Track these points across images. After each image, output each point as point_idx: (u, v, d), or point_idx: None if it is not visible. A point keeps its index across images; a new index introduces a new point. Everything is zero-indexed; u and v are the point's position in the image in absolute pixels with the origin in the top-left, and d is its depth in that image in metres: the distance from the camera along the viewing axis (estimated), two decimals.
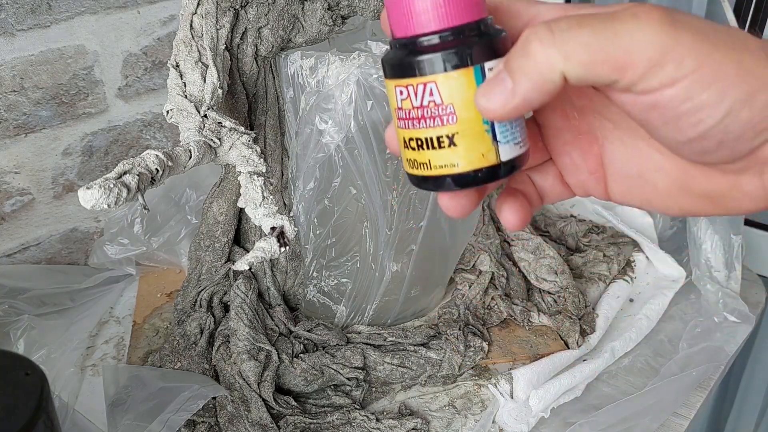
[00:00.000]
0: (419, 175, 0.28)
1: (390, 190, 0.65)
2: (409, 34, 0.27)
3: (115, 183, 0.44)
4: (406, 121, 0.27)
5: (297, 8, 0.63)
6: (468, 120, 0.26)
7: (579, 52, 0.23)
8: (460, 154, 0.27)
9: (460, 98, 0.26)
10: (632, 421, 0.64)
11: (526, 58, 0.24)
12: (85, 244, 0.87)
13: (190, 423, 0.62)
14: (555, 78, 0.24)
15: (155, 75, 0.87)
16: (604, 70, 0.23)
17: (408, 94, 0.27)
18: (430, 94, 0.26)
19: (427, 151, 0.27)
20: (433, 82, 0.26)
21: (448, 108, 0.26)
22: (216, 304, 0.72)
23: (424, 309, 0.76)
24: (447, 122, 0.27)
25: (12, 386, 0.44)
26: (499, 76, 0.25)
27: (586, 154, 0.31)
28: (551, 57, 0.23)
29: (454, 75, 0.26)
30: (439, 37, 0.26)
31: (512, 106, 0.25)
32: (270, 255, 0.53)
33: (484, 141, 0.27)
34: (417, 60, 0.26)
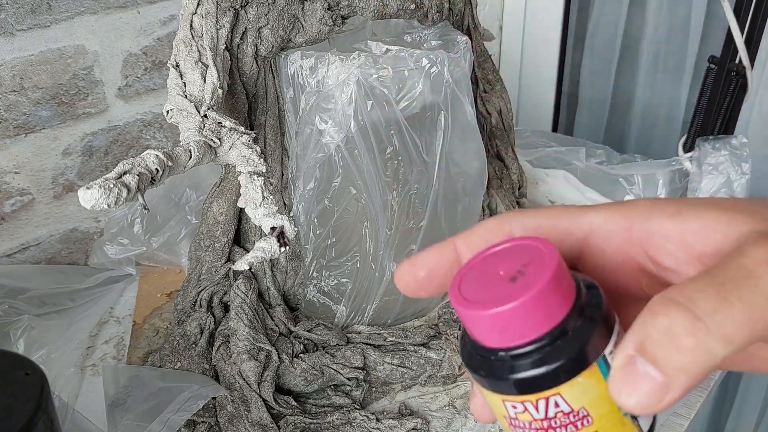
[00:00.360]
0: None
1: (390, 190, 0.65)
2: (508, 345, 0.22)
3: (115, 183, 0.44)
4: (527, 430, 0.23)
5: (297, 8, 0.63)
6: (605, 414, 0.23)
7: (740, 332, 0.20)
8: None
9: (591, 399, 0.22)
10: None
11: (679, 354, 0.20)
12: (85, 244, 0.87)
13: (190, 423, 0.62)
14: (716, 364, 0.21)
15: (155, 75, 0.87)
16: (766, 333, 0.21)
17: (525, 409, 0.23)
18: (555, 405, 0.22)
19: None
20: (558, 394, 0.22)
21: (580, 413, 0.22)
22: (216, 304, 0.72)
23: (424, 309, 0.76)
24: (582, 426, 0.23)
25: (12, 386, 0.44)
26: (639, 369, 0.21)
27: None
28: (712, 348, 0.20)
29: (578, 381, 0.22)
30: (548, 343, 0.22)
31: (669, 401, 0.21)
32: (270, 255, 0.53)
33: (625, 427, 0.23)
34: (529, 376, 0.22)
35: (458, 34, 0.66)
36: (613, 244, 0.25)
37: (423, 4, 0.69)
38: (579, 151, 1.01)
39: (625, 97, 1.37)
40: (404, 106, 0.61)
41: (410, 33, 0.67)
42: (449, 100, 0.63)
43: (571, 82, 1.43)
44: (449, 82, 0.62)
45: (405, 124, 0.62)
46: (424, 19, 0.69)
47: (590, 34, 1.35)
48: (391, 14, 0.67)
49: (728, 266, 0.21)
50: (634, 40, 1.32)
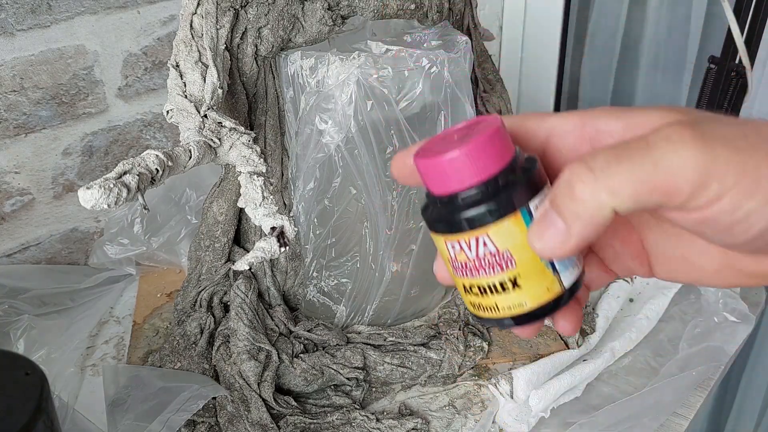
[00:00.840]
0: (488, 317, 0.29)
1: (390, 190, 0.65)
2: (449, 192, 0.26)
3: (115, 183, 0.44)
4: (464, 271, 0.28)
5: (297, 8, 0.63)
6: (526, 260, 0.27)
7: (625, 188, 0.24)
8: (525, 293, 0.27)
9: (514, 243, 0.26)
10: (632, 421, 0.64)
11: (574, 202, 0.24)
12: (85, 244, 0.87)
13: (190, 423, 0.62)
14: (606, 214, 0.24)
15: (155, 75, 0.87)
16: (652, 198, 0.24)
17: (461, 248, 0.27)
18: (483, 245, 0.27)
19: (492, 295, 0.28)
20: (485, 234, 0.26)
21: (505, 254, 0.27)
22: (216, 304, 0.72)
23: (424, 309, 0.76)
24: (507, 267, 0.27)
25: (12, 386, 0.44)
26: (549, 217, 0.25)
27: (626, 242, 0.31)
28: (599, 197, 0.24)
29: (504, 223, 0.26)
30: (479, 190, 0.26)
31: (570, 247, 0.25)
32: (270, 255, 0.53)
33: (545, 276, 0.27)
34: (464, 216, 0.26)
35: (458, 34, 0.66)
36: (568, 142, 0.28)
37: (423, 4, 0.69)
38: None
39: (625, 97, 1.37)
40: (404, 106, 0.61)
41: (410, 33, 0.67)
42: (449, 100, 0.63)
43: (571, 82, 1.43)
44: (449, 82, 0.62)
45: (405, 124, 0.62)
46: (424, 19, 0.69)
47: (590, 34, 1.35)
48: (391, 14, 0.67)
49: (636, 139, 0.24)
50: (634, 40, 1.32)
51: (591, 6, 1.33)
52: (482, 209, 0.26)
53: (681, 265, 0.30)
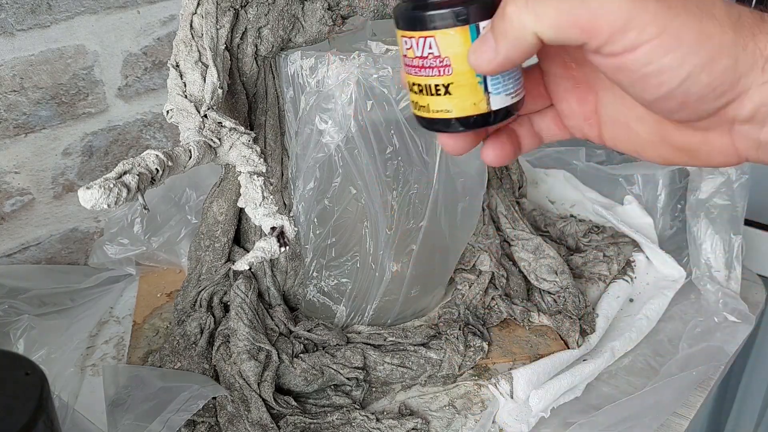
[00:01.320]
0: (420, 116, 0.32)
1: (390, 190, 0.65)
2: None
3: (115, 183, 0.44)
4: (410, 68, 0.31)
5: (297, 8, 0.63)
6: (462, 72, 0.30)
7: (549, 15, 0.26)
8: (453, 102, 0.30)
9: (455, 53, 0.29)
10: (632, 421, 0.64)
11: (503, 21, 0.27)
12: (85, 244, 0.87)
13: (190, 423, 0.62)
14: (529, 38, 0.27)
15: (155, 75, 0.87)
16: (573, 33, 0.26)
17: (411, 45, 0.30)
18: (429, 47, 0.30)
19: (426, 96, 0.31)
20: (432, 37, 0.29)
21: (444, 60, 0.30)
22: (216, 304, 0.72)
23: (424, 309, 0.76)
24: (443, 73, 0.30)
25: (12, 386, 0.44)
26: (486, 35, 0.28)
27: (582, 101, 0.34)
28: (524, 19, 0.26)
29: (450, 32, 0.29)
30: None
31: (496, 63, 0.28)
32: (270, 255, 0.53)
33: (476, 92, 0.30)
34: (420, 15, 0.29)
35: None
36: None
37: None
38: (579, 151, 1.01)
39: None
40: (404, 106, 0.61)
41: None
42: None
43: None
44: None
45: (405, 124, 0.62)
46: None
47: None
48: (391, 14, 0.67)
49: None
50: None
51: None
52: (438, 13, 0.29)
53: (623, 131, 0.32)
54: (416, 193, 0.66)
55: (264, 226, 0.54)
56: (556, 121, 0.35)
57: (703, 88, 0.26)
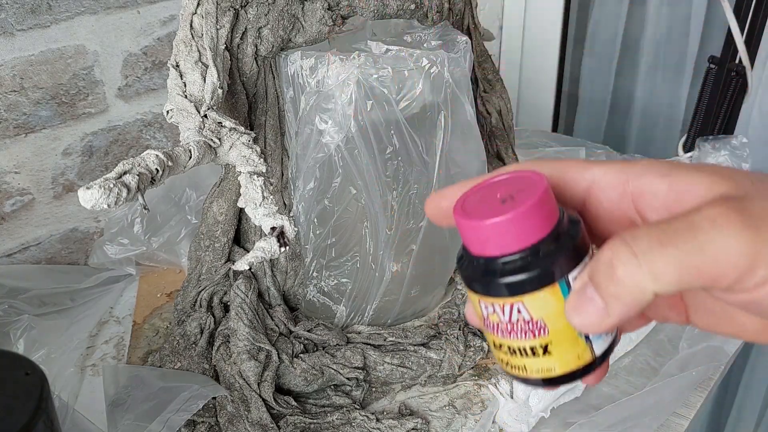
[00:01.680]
0: (516, 375, 0.28)
1: (390, 190, 0.65)
2: (488, 255, 0.26)
3: (115, 183, 0.44)
4: (496, 330, 0.27)
5: (297, 8, 0.63)
6: (560, 330, 0.27)
7: (668, 273, 0.23)
8: (555, 360, 0.27)
9: (549, 313, 0.26)
10: (632, 421, 0.64)
11: (615, 284, 0.24)
12: (85, 244, 0.87)
13: (190, 423, 0.62)
14: (648, 298, 0.24)
15: (155, 75, 0.87)
16: (696, 282, 0.23)
17: (494, 310, 0.27)
18: (518, 312, 0.26)
19: (522, 357, 0.27)
20: (521, 302, 0.26)
21: (538, 323, 0.26)
22: (216, 304, 0.72)
23: (424, 309, 0.76)
24: (539, 335, 0.27)
25: (12, 386, 0.44)
26: (587, 293, 0.25)
27: None
28: (641, 282, 0.23)
29: (540, 295, 0.26)
30: (520, 257, 0.25)
31: (607, 325, 0.25)
32: (270, 255, 0.53)
33: (578, 344, 0.27)
34: (501, 282, 0.26)
35: (458, 34, 0.66)
36: (610, 196, 0.27)
37: (423, 4, 0.69)
38: (579, 151, 1.01)
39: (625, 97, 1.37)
40: (404, 106, 0.61)
41: (410, 33, 0.67)
42: (449, 100, 0.63)
43: (571, 82, 1.43)
44: (449, 82, 0.62)
45: (405, 124, 0.62)
46: (424, 19, 0.69)
47: (590, 34, 1.35)
48: (391, 14, 0.67)
49: (680, 218, 0.23)
50: (634, 40, 1.32)
51: (591, 6, 1.33)
52: (520, 277, 0.25)
53: (721, 319, 0.29)
54: (416, 193, 0.66)
55: (264, 226, 0.54)
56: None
57: None
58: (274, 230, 0.54)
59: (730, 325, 0.29)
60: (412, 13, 0.68)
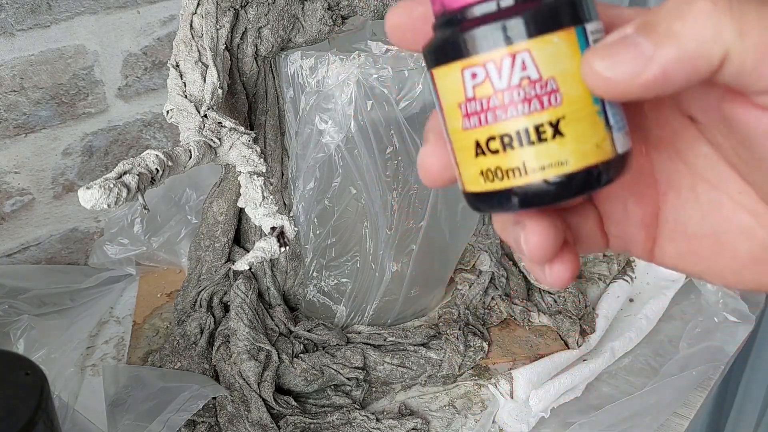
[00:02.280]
0: (505, 188, 0.20)
1: (390, 190, 0.65)
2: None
3: (115, 183, 0.44)
4: (483, 114, 0.20)
5: (297, 8, 0.63)
6: (576, 99, 0.19)
7: (758, 34, 0.17)
8: (568, 147, 0.19)
9: (563, 70, 0.19)
10: (632, 421, 0.64)
11: (683, 20, 0.17)
12: (85, 244, 0.87)
13: (190, 423, 0.62)
14: (715, 55, 0.17)
15: (155, 75, 0.87)
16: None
17: (487, 74, 0.19)
18: (522, 68, 0.19)
19: (521, 148, 0.20)
20: (527, 51, 0.19)
21: (548, 84, 0.19)
22: (216, 304, 0.72)
23: (424, 309, 0.76)
24: (550, 103, 0.19)
25: (12, 386, 0.44)
26: (629, 38, 0.18)
27: (641, 201, 0.24)
28: (722, 25, 0.17)
29: (553, 39, 0.19)
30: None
31: (647, 78, 0.18)
32: (270, 255, 0.53)
33: (597, 126, 0.20)
34: (498, 26, 0.19)
35: None
36: None
37: None
38: None
39: None
40: (404, 106, 0.61)
41: None
42: None
43: None
44: None
45: (405, 124, 0.62)
46: None
47: None
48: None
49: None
50: None
51: None
52: (525, 16, 0.19)
53: (704, 246, 0.23)
54: (416, 193, 0.66)
55: (264, 226, 0.54)
56: (597, 224, 0.25)
57: None
58: (274, 230, 0.53)
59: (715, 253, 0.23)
60: None
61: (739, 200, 0.22)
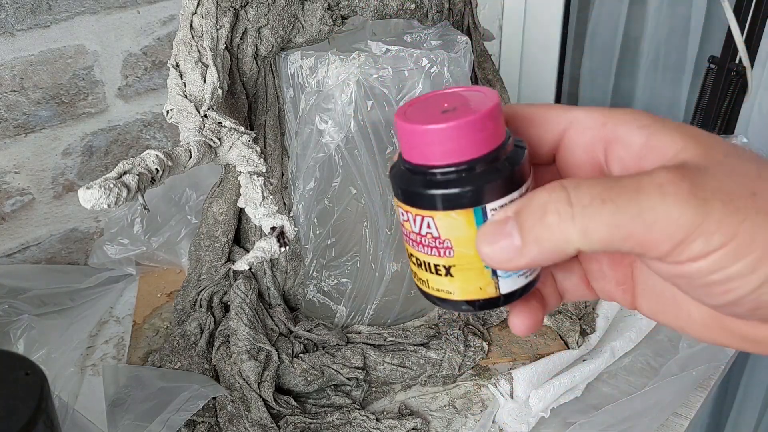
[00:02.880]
0: (421, 288, 0.28)
1: (390, 189, 0.65)
2: (412, 162, 0.25)
3: (115, 183, 0.44)
4: (408, 239, 0.27)
5: (297, 8, 0.63)
6: (465, 256, 0.25)
7: (599, 231, 0.22)
8: (456, 284, 0.26)
9: (458, 236, 0.25)
10: (632, 421, 0.64)
11: (541, 228, 0.23)
12: (85, 244, 0.87)
13: (190, 423, 0.62)
14: (568, 251, 0.23)
15: (155, 75, 0.87)
16: (625, 246, 0.22)
17: (408, 219, 0.26)
18: (428, 226, 0.25)
19: (426, 272, 0.27)
20: (431, 218, 0.25)
21: (445, 243, 0.25)
22: (216, 304, 0.72)
23: (424, 309, 0.76)
24: (444, 255, 0.26)
25: (12, 386, 0.44)
26: (507, 227, 0.23)
27: (616, 265, 0.29)
28: (568, 233, 0.22)
29: (452, 215, 0.25)
30: (440, 173, 0.24)
31: (516, 265, 0.24)
32: (270, 255, 0.53)
33: (482, 276, 0.26)
34: (416, 192, 0.25)
35: (458, 34, 0.66)
36: (584, 138, 0.26)
37: (423, 4, 0.68)
38: None
39: (625, 97, 1.37)
40: None
41: (410, 33, 0.67)
42: None
43: (571, 82, 1.43)
44: (449, 82, 0.62)
45: None
46: (424, 19, 0.69)
47: (590, 34, 1.35)
48: (391, 14, 0.67)
49: (632, 177, 0.22)
50: (634, 40, 1.31)
51: (591, 6, 1.33)
52: (434, 192, 0.24)
53: (668, 306, 0.27)
54: None
55: (264, 226, 0.54)
56: (583, 281, 0.30)
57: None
58: (274, 230, 0.53)
59: (676, 313, 0.27)
60: (412, 13, 0.68)
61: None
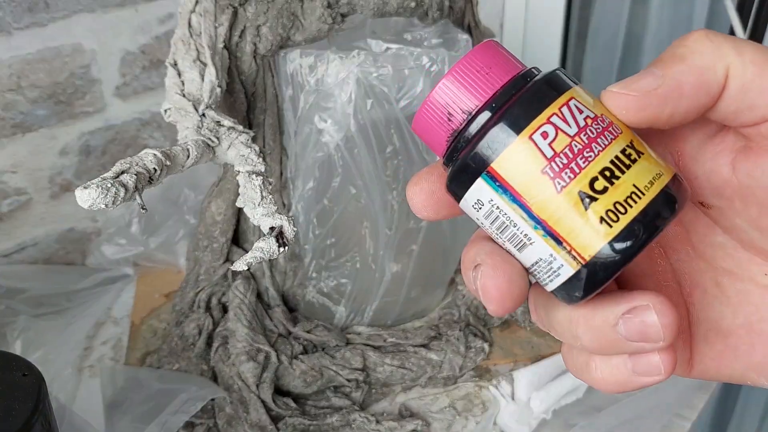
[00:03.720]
0: (630, 221, 0.20)
1: (390, 189, 0.65)
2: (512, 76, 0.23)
3: (112, 183, 0.44)
4: (572, 165, 0.21)
5: (296, 6, 0.63)
6: (626, 126, 0.22)
7: (754, 51, 0.20)
8: (653, 159, 0.21)
9: (600, 109, 0.22)
10: (634, 422, 0.64)
11: (684, 45, 0.20)
12: (82, 245, 0.87)
13: (189, 425, 0.61)
14: (720, 69, 0.20)
15: (153, 74, 0.86)
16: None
17: (556, 128, 0.21)
18: (578, 110, 0.21)
19: (624, 175, 0.21)
20: (573, 98, 0.22)
21: (603, 119, 0.22)
22: (214, 305, 0.71)
23: (424, 310, 0.76)
24: (616, 132, 0.21)
25: (9, 387, 0.43)
26: (640, 72, 0.21)
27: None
28: (720, 44, 0.20)
29: (578, 90, 0.22)
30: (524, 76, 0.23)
31: (663, 90, 0.20)
32: (269, 255, 0.53)
33: (647, 147, 0.22)
34: (544, 85, 0.22)
35: (459, 33, 0.66)
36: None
37: (423, 2, 0.68)
38: None
39: None
40: (404, 104, 0.60)
41: (410, 31, 0.67)
42: None
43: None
44: None
45: (405, 123, 0.61)
46: (424, 17, 0.69)
47: (592, 33, 1.35)
48: (391, 12, 0.67)
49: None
50: (637, 39, 1.31)
51: (592, 4, 1.33)
52: (556, 75, 0.22)
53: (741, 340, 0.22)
54: None
55: (263, 226, 0.54)
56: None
57: None
58: (273, 230, 0.53)
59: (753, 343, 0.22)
60: (413, 11, 0.68)
61: (765, 283, 0.22)
